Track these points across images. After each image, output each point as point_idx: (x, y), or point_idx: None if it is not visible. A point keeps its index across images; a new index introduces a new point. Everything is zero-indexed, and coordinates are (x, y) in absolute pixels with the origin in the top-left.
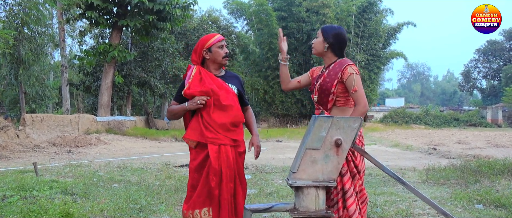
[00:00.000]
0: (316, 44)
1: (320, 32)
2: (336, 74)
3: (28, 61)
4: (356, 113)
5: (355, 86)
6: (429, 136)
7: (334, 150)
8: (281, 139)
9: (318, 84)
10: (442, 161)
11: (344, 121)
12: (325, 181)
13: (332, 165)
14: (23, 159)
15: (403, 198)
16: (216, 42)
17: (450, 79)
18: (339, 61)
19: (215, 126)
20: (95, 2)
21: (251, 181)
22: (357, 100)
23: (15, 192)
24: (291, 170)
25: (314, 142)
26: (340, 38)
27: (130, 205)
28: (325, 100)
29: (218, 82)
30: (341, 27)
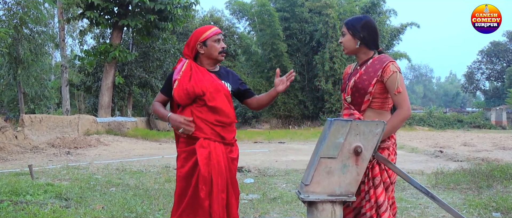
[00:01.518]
0: (346, 43)
1: (345, 29)
2: (376, 72)
3: (27, 61)
4: (398, 118)
5: (398, 87)
6: (433, 138)
7: (353, 159)
8: (284, 140)
9: (353, 82)
10: (450, 164)
11: (365, 125)
12: (342, 195)
13: (351, 176)
14: (21, 160)
15: (414, 205)
16: (212, 35)
17: (453, 80)
18: (378, 57)
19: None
20: (96, 2)
21: (254, 185)
22: (400, 104)
23: (7, 196)
24: (303, 182)
25: (330, 150)
26: (370, 28)
27: (125, 213)
28: (359, 101)
29: (210, 79)
30: (366, 15)
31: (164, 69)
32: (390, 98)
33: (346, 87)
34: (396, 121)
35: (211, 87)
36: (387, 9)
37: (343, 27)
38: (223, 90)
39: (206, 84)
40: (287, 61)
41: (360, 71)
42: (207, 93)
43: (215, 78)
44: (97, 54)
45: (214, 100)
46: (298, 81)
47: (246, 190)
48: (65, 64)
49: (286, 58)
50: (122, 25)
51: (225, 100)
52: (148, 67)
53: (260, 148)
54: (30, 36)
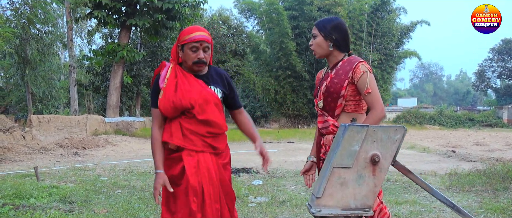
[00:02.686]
0: (317, 46)
1: (316, 30)
2: (346, 74)
3: (35, 61)
4: (371, 120)
5: (368, 87)
6: (445, 137)
7: (370, 168)
8: (293, 140)
9: (324, 86)
10: (463, 164)
11: (383, 131)
12: (358, 209)
13: (368, 188)
14: (28, 161)
15: (429, 208)
16: (189, 41)
17: (464, 78)
18: (348, 59)
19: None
20: (103, 1)
21: (262, 187)
22: (372, 104)
23: (11, 199)
24: (314, 194)
25: (344, 159)
26: (342, 30)
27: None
28: (332, 106)
29: (198, 89)
30: (337, 17)
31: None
32: (361, 100)
33: (318, 93)
34: (370, 122)
35: (200, 98)
36: (397, 7)
37: (314, 29)
38: (213, 100)
39: (194, 96)
40: (296, 60)
41: (330, 74)
42: (196, 106)
43: (203, 86)
44: (105, 54)
45: (204, 113)
46: (307, 80)
47: (254, 193)
48: (73, 64)
49: (295, 57)
50: (130, 25)
51: (216, 110)
52: (156, 67)
53: (269, 148)
54: (38, 36)
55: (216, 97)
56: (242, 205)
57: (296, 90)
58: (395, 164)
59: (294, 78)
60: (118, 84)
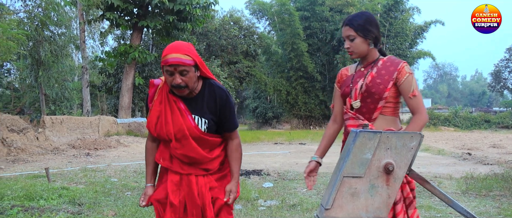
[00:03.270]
0: (357, 47)
1: (352, 31)
2: (391, 75)
3: (48, 63)
4: (416, 125)
5: (414, 90)
6: (460, 139)
7: (383, 178)
8: (304, 141)
9: (363, 85)
10: (480, 167)
11: (397, 138)
12: None
13: (381, 199)
14: (41, 162)
15: (444, 213)
16: (164, 64)
17: (479, 79)
18: (389, 58)
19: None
20: (115, 3)
21: (273, 190)
22: (417, 108)
23: (20, 201)
24: (323, 205)
25: (355, 168)
26: (377, 25)
27: None
28: (371, 108)
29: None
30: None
31: None
32: (399, 103)
33: (351, 91)
34: (417, 127)
35: (178, 132)
36: (410, 6)
37: (349, 29)
38: (192, 134)
39: (171, 130)
40: (307, 61)
41: (371, 73)
42: (173, 141)
43: (185, 118)
44: (117, 56)
45: (182, 148)
46: (319, 81)
47: (265, 196)
48: (86, 65)
49: (306, 57)
50: (142, 26)
51: (195, 145)
52: None
53: (280, 149)
54: (51, 38)
55: (196, 132)
56: (251, 208)
57: (308, 91)
58: (410, 173)
59: (305, 79)
60: (130, 85)
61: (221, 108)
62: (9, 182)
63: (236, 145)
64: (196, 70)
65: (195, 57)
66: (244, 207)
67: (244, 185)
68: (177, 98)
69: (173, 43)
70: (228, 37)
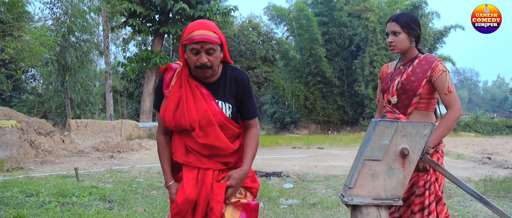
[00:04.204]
0: (400, 41)
1: (398, 27)
2: (425, 73)
3: (74, 68)
4: (451, 119)
5: (450, 86)
6: (480, 144)
7: (400, 161)
8: (323, 146)
9: (399, 83)
10: (499, 171)
11: (412, 127)
12: (388, 199)
13: (397, 179)
14: (67, 163)
15: (462, 213)
16: (189, 42)
17: (501, 84)
18: (425, 57)
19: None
20: (138, 10)
21: (293, 190)
22: (451, 104)
23: (54, 197)
24: (347, 184)
25: (375, 152)
26: (419, 25)
27: (166, 216)
28: (406, 103)
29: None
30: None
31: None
32: (435, 99)
33: (389, 88)
34: (449, 121)
35: (202, 119)
36: (430, 11)
37: (394, 25)
38: (218, 121)
39: (195, 116)
40: (325, 66)
41: (407, 71)
42: (197, 128)
43: (209, 103)
44: (139, 61)
45: (206, 136)
46: (337, 86)
47: (286, 195)
48: (109, 71)
49: (324, 63)
50: (163, 32)
51: (220, 134)
52: None
53: (298, 153)
54: (76, 44)
55: (221, 118)
56: (274, 205)
57: (326, 96)
58: (423, 157)
59: (324, 84)
60: (151, 90)
61: (243, 93)
62: (41, 181)
63: (254, 134)
64: (221, 51)
65: (221, 36)
66: (266, 204)
67: (265, 185)
68: (198, 83)
69: (198, 21)
70: (246, 43)
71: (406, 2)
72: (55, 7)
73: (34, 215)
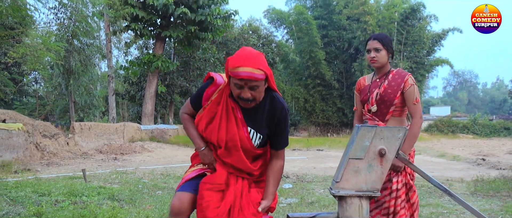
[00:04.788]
0: (381, 58)
1: (380, 45)
2: (399, 85)
3: (78, 72)
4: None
5: (416, 97)
6: (477, 146)
7: (378, 160)
8: (322, 148)
9: (378, 94)
10: (492, 172)
11: (388, 131)
12: (368, 191)
13: (376, 175)
14: (72, 165)
15: (450, 210)
16: (234, 76)
17: (500, 86)
18: (397, 71)
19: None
20: (140, 14)
21: (292, 190)
22: (415, 113)
23: (66, 197)
24: (334, 179)
25: (358, 152)
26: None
27: None
28: (385, 112)
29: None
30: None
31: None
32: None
33: (369, 99)
34: (415, 130)
35: (230, 141)
36: (428, 14)
37: (376, 43)
38: (243, 146)
39: (223, 137)
40: (325, 69)
41: (384, 85)
42: (222, 147)
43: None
44: (141, 65)
45: (229, 156)
46: (336, 88)
47: (285, 195)
48: (112, 74)
49: (324, 65)
50: (165, 36)
51: (243, 157)
52: (189, 76)
53: (298, 155)
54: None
55: (248, 145)
56: None
57: (326, 99)
58: (398, 156)
59: (323, 87)
60: (153, 93)
61: (278, 124)
62: (51, 182)
63: (279, 166)
64: (265, 83)
65: (267, 70)
66: None
67: None
68: (236, 105)
69: (245, 53)
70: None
71: (404, 5)
72: (60, 12)
73: (52, 212)
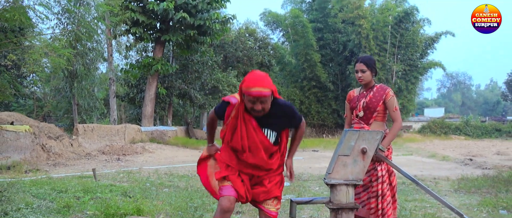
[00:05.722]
0: (366, 77)
1: (365, 67)
2: (381, 97)
3: (81, 75)
4: (396, 129)
5: (395, 106)
6: (468, 147)
7: (361, 156)
8: (317, 149)
9: (364, 103)
10: (477, 171)
11: (369, 134)
12: (353, 180)
13: (359, 168)
14: (78, 165)
15: (433, 205)
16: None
17: (494, 88)
18: (380, 86)
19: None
20: (140, 19)
21: (289, 188)
22: (396, 118)
23: (82, 193)
24: (327, 171)
25: (345, 150)
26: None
27: (189, 203)
28: (369, 116)
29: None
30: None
31: (202, 80)
32: (386, 113)
33: (357, 106)
34: (395, 130)
35: (252, 145)
36: (421, 18)
37: (362, 65)
38: (264, 146)
39: (246, 142)
40: (320, 71)
41: (369, 96)
42: (247, 151)
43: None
44: (141, 68)
45: (253, 157)
46: (331, 90)
47: (283, 192)
48: (113, 77)
49: (319, 68)
50: (164, 40)
51: (264, 156)
52: (187, 79)
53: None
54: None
55: (266, 144)
56: None
57: (321, 100)
58: (377, 153)
59: (318, 89)
60: (153, 95)
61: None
62: (63, 181)
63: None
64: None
65: (272, 87)
66: None
67: None
68: (250, 116)
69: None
70: (244, 49)
71: (398, 9)
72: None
73: (78, 205)
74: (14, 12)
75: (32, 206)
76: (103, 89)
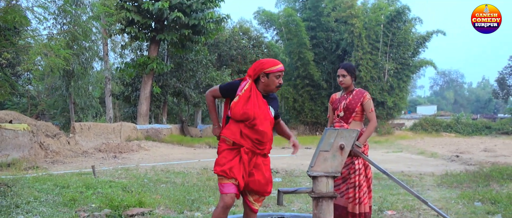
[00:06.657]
0: (346, 82)
1: (346, 72)
2: (359, 99)
3: (78, 75)
4: (372, 127)
5: (372, 108)
6: (457, 144)
7: (339, 151)
8: (310, 146)
9: (344, 104)
10: (461, 167)
11: (346, 132)
12: (332, 172)
13: (338, 162)
14: (76, 163)
15: (414, 198)
16: (276, 71)
17: (485, 86)
18: (359, 90)
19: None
20: (136, 18)
21: (281, 183)
22: (371, 118)
23: (85, 189)
24: (310, 165)
25: (325, 146)
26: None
27: (186, 197)
28: (348, 116)
29: (262, 106)
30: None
31: (196, 79)
32: (364, 114)
33: (338, 107)
34: (371, 129)
35: (262, 114)
36: (413, 17)
37: (343, 71)
38: (269, 118)
39: (258, 111)
40: (313, 69)
41: (349, 98)
42: (258, 119)
43: (266, 106)
44: (137, 66)
45: (262, 125)
46: (324, 88)
47: (274, 187)
48: (109, 76)
49: (312, 66)
50: (159, 39)
51: (269, 126)
52: (182, 78)
53: (287, 152)
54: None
55: (271, 117)
56: None
57: (314, 98)
58: (353, 149)
59: (312, 87)
60: (148, 94)
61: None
62: (64, 177)
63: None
64: None
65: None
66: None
67: None
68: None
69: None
70: (238, 48)
71: (390, 8)
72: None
73: (83, 198)
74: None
75: (39, 199)
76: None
